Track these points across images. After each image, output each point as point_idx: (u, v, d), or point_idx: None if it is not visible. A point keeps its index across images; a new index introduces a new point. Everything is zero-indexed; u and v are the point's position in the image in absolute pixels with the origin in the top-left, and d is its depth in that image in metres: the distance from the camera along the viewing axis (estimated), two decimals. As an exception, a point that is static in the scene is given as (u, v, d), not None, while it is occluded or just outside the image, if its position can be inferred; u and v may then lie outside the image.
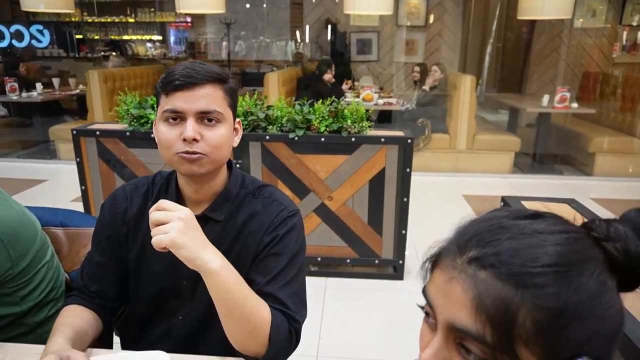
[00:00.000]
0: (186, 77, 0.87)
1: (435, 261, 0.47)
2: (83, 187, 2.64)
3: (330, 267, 2.72)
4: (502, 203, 1.58)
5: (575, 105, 4.77)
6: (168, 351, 0.88)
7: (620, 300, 0.44)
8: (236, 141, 0.98)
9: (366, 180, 2.48)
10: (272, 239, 0.95)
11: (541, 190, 4.24)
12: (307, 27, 7.15)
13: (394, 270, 2.67)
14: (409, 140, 2.42)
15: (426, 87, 4.94)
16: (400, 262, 2.61)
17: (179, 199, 0.98)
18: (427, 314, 0.47)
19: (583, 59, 6.80)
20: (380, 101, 4.77)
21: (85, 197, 2.66)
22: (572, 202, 1.46)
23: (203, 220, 0.94)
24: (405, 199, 2.50)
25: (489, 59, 7.57)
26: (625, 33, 6.55)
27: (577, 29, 6.80)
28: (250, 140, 2.44)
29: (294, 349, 0.92)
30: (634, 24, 6.52)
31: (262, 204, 0.98)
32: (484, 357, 0.41)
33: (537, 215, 0.45)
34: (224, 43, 7.36)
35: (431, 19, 7.11)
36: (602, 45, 6.71)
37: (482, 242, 0.43)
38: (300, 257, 0.97)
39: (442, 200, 4.05)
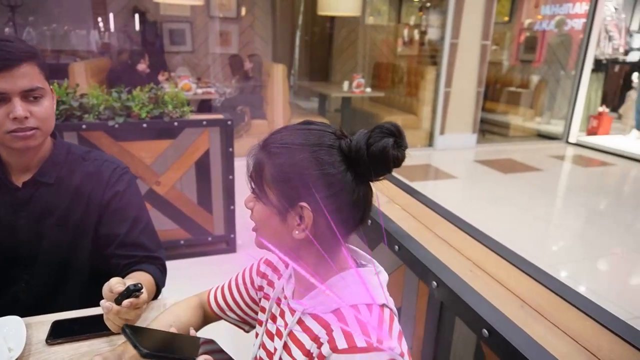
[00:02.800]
0: (2, 59, 0.91)
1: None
2: None
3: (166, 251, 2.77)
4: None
5: (369, 90, 5.62)
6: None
7: (347, 177, 0.67)
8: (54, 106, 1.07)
9: (192, 162, 2.61)
10: (114, 194, 1.09)
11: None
12: (112, 15, 6.70)
13: (227, 244, 2.87)
14: (229, 122, 2.63)
15: (238, 78, 5.21)
16: (232, 235, 2.83)
17: (4, 170, 1.03)
18: None
19: (375, 52, 7.90)
20: (199, 90, 4.86)
21: None
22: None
23: (34, 185, 1.03)
24: (230, 177, 2.71)
25: (299, 50, 8.23)
26: (405, 30, 7.87)
27: (368, 26, 7.85)
28: (65, 130, 2.33)
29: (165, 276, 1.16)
30: (411, 23, 7.88)
31: (95, 166, 1.11)
32: (255, 193, 0.71)
33: (310, 122, 0.72)
34: (7, 30, 6.40)
35: (243, 11, 7.37)
36: (389, 40, 7.91)
37: (269, 135, 0.71)
38: (144, 205, 1.15)
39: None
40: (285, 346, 0.73)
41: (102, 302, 0.81)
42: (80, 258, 1.09)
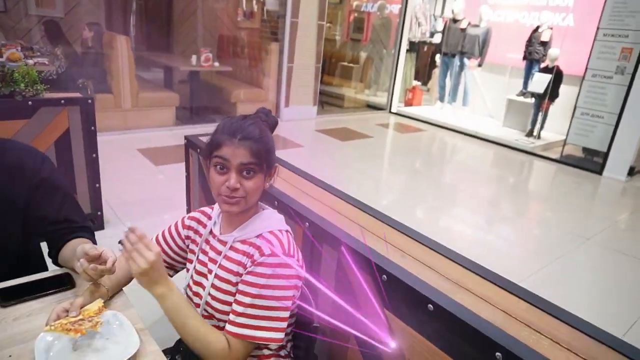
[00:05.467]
0: None
1: (216, 145, 1.01)
2: None
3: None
4: (185, 141, 2.17)
5: (217, 64, 5.77)
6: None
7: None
8: None
9: (51, 142, 2.57)
10: (40, 181, 1.21)
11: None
12: None
13: (93, 222, 2.89)
14: (89, 100, 2.64)
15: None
16: (99, 213, 2.87)
17: None
18: (221, 167, 1.01)
19: (217, 23, 7.92)
20: (30, 61, 4.43)
21: None
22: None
23: None
24: (94, 155, 2.74)
25: (135, 18, 7.79)
26: (244, 1, 8.03)
27: (208, -4, 7.79)
28: None
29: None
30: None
31: (16, 156, 1.20)
32: (255, 171, 1.00)
33: (247, 116, 1.05)
34: None
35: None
36: (229, 11, 7.99)
37: (240, 130, 1.00)
38: (68, 185, 1.30)
39: (120, 157, 4.32)
40: (221, 266, 1.06)
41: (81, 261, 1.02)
42: (10, 243, 1.20)
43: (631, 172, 5.21)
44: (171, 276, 1.27)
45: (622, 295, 2.85)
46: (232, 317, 1.01)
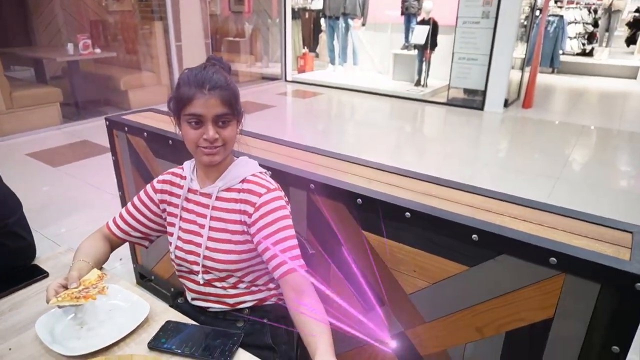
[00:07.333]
0: None
1: (186, 100, 0.99)
2: None
3: None
4: (107, 122, 2.04)
5: (98, 50, 5.32)
6: None
7: None
8: None
9: None
10: None
11: (92, 133, 4.73)
12: None
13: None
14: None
15: None
16: (8, 223, 2.59)
17: None
18: (195, 122, 0.99)
19: (80, 9, 7.21)
20: None
21: None
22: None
23: None
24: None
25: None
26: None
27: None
28: None
29: None
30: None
31: None
32: (230, 120, 1.01)
33: (206, 66, 1.04)
34: None
35: None
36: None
37: (207, 80, 0.99)
38: None
39: (9, 165, 3.88)
40: (213, 218, 1.08)
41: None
42: None
43: (506, 104, 5.93)
44: (146, 247, 1.24)
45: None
46: (286, 265, 1.01)
